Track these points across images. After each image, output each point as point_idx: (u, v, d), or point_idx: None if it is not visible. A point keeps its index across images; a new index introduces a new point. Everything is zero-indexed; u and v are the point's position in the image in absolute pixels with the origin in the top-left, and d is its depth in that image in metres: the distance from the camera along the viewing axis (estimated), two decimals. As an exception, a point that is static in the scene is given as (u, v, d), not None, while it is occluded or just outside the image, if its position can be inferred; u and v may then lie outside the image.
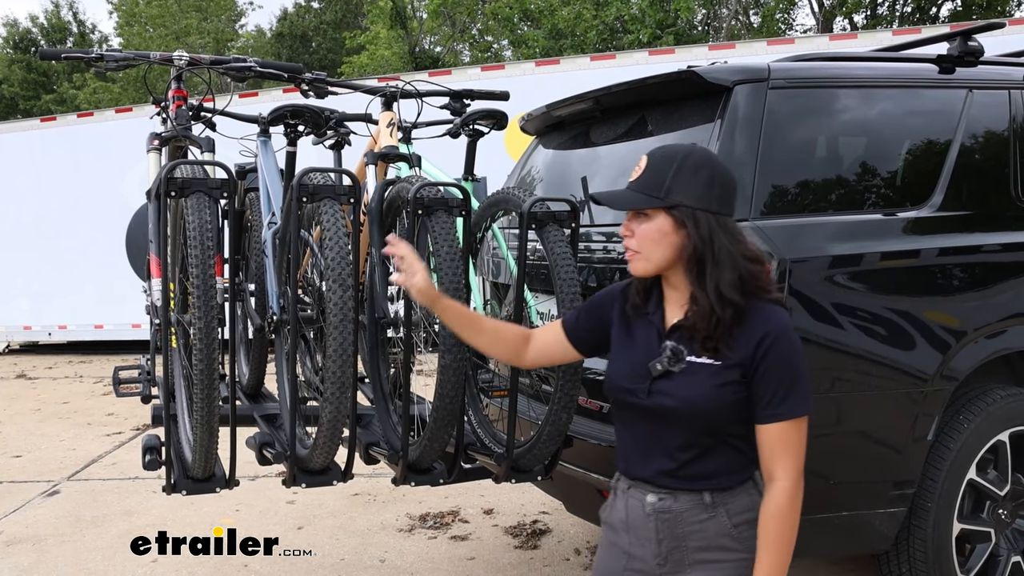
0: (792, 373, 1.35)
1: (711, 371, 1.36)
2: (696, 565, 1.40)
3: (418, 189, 1.95)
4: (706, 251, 1.35)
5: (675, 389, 1.38)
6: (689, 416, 1.37)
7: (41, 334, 9.50)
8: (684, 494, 1.40)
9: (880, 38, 7.12)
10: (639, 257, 1.40)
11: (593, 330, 1.55)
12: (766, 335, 1.34)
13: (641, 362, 1.42)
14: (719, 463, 1.39)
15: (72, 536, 3.58)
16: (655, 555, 1.42)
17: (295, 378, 2.10)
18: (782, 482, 1.35)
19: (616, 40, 14.49)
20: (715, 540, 1.39)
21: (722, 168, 1.41)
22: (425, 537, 3.42)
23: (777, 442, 1.35)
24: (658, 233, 1.37)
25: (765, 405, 1.34)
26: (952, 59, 2.44)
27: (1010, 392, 2.34)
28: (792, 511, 1.35)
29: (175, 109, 2.58)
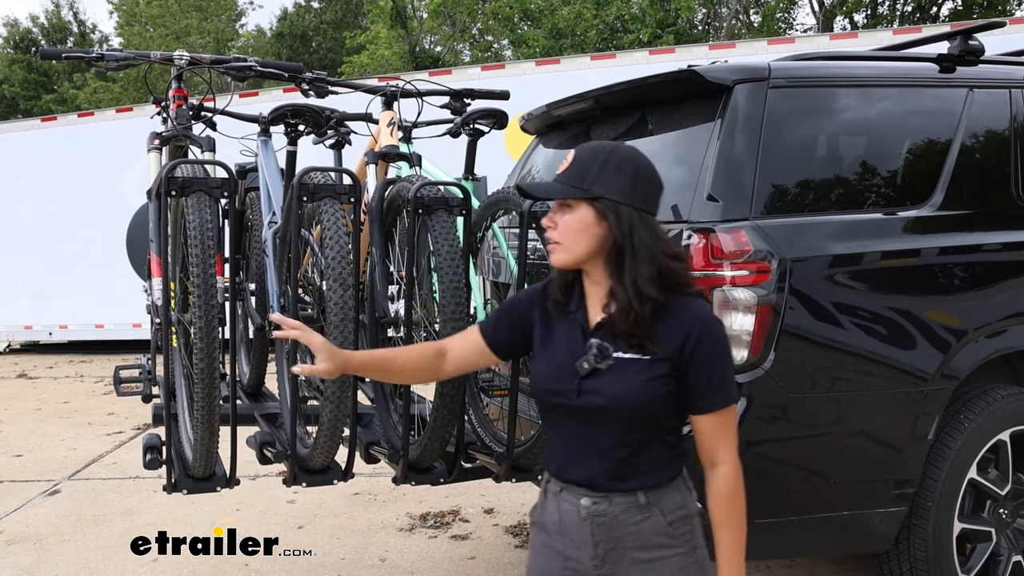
0: (723, 363, 1.38)
1: (639, 366, 1.36)
2: (635, 564, 1.40)
3: (418, 188, 1.95)
4: (626, 245, 1.36)
5: (604, 387, 1.37)
6: (620, 413, 1.37)
7: (42, 334, 9.50)
8: (618, 496, 1.40)
9: (881, 37, 7.12)
10: (560, 248, 1.40)
11: (512, 333, 1.53)
12: (694, 328, 1.35)
13: (567, 362, 1.41)
14: (650, 460, 1.40)
15: (73, 535, 3.58)
16: (592, 557, 1.42)
17: (295, 377, 2.10)
18: (727, 465, 1.39)
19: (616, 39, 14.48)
20: (651, 539, 1.39)
21: (647, 167, 1.42)
22: (426, 536, 3.42)
23: (717, 429, 1.38)
24: (580, 224, 1.38)
25: (702, 395, 1.37)
26: (953, 58, 2.44)
27: (1011, 391, 2.34)
28: (740, 490, 1.40)
29: (175, 109, 2.58)
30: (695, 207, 2.12)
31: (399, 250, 2.24)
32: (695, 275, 2.04)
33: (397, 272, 2.25)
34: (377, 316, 2.22)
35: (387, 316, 2.19)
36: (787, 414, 2.10)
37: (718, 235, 2.04)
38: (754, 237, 2.04)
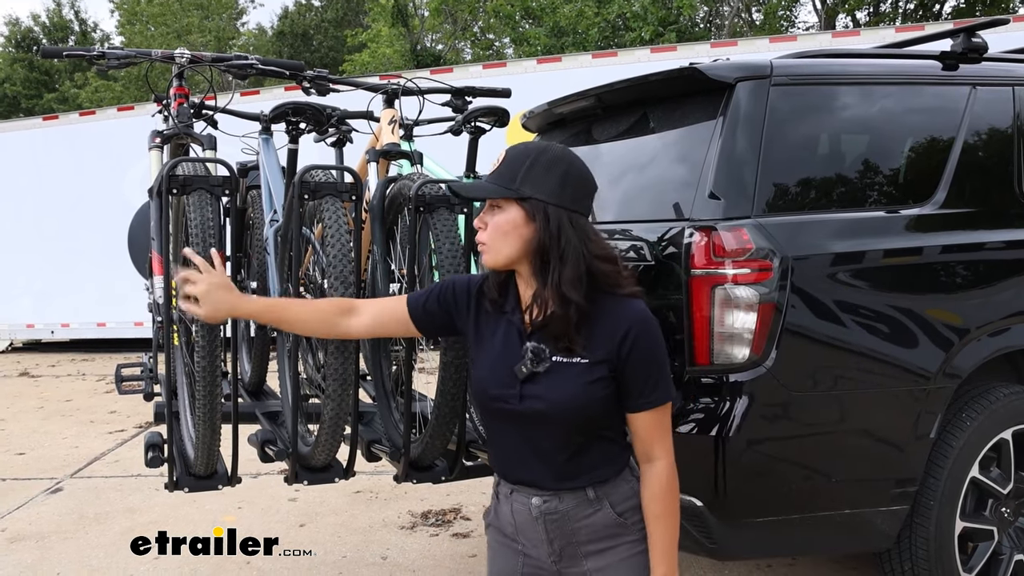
0: (658, 362, 1.38)
1: (578, 369, 1.36)
2: (590, 556, 1.42)
3: (420, 186, 1.95)
4: (553, 246, 1.34)
5: (544, 391, 1.37)
6: (562, 417, 1.36)
7: (44, 332, 9.53)
8: (567, 493, 1.41)
9: (883, 35, 7.10)
10: (488, 249, 1.39)
11: (439, 315, 1.52)
12: (629, 329, 1.35)
13: (506, 365, 1.40)
14: (596, 457, 1.41)
15: (75, 533, 3.59)
16: (549, 553, 1.44)
17: (297, 375, 2.10)
18: (662, 461, 1.40)
19: (618, 37, 14.47)
20: (603, 531, 1.42)
21: (578, 167, 1.40)
22: (427, 534, 3.42)
23: (652, 427, 1.39)
24: (509, 225, 1.37)
25: (638, 395, 1.37)
26: (955, 56, 2.43)
27: (1013, 390, 2.33)
28: (674, 486, 1.41)
29: (177, 107, 2.58)
30: (697, 205, 2.12)
31: (400, 248, 2.23)
32: (697, 273, 2.04)
33: (399, 270, 2.25)
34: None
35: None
36: (789, 412, 2.10)
37: (720, 233, 2.03)
38: (756, 235, 2.04)
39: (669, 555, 1.40)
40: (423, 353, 2.24)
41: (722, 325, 2.02)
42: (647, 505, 1.41)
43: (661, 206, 2.28)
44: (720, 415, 2.04)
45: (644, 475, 1.41)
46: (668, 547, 1.40)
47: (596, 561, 1.42)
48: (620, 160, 2.56)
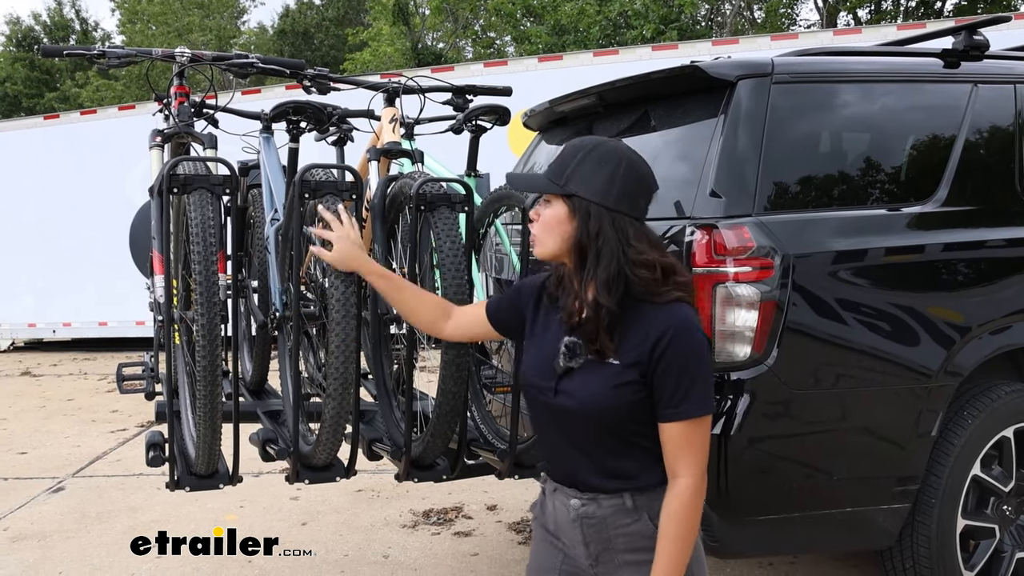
0: (691, 372, 1.30)
1: (609, 371, 1.33)
2: (626, 566, 1.39)
3: (421, 185, 1.94)
4: (590, 246, 1.32)
5: (575, 388, 1.35)
6: (588, 416, 1.34)
7: (45, 331, 9.53)
8: (605, 498, 1.38)
9: (885, 33, 7.09)
10: (535, 241, 1.40)
11: (512, 315, 1.53)
12: (663, 334, 1.30)
13: (548, 359, 1.39)
14: (632, 463, 1.36)
15: (77, 532, 3.59)
16: (585, 556, 1.42)
17: (298, 374, 2.10)
18: (685, 479, 1.32)
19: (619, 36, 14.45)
20: (641, 542, 1.37)
21: (633, 167, 1.35)
22: (429, 533, 3.42)
23: (679, 441, 1.31)
24: (554, 220, 1.36)
25: (665, 404, 1.31)
26: (957, 53, 2.43)
27: (1015, 388, 2.33)
28: (693, 509, 1.32)
29: (177, 106, 2.57)
30: (698, 203, 2.12)
31: (401, 247, 2.23)
32: (698, 271, 2.04)
33: (400, 269, 2.25)
34: (380, 313, 2.22)
35: (389, 313, 2.19)
36: (790, 410, 2.10)
37: (721, 231, 2.03)
38: (757, 233, 2.03)
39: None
40: (424, 352, 2.24)
41: (723, 323, 2.02)
42: (661, 522, 1.33)
43: (662, 204, 2.27)
44: (722, 413, 2.04)
45: (667, 491, 1.34)
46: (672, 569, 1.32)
47: (632, 572, 1.38)
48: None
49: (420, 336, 2.14)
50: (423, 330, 1.77)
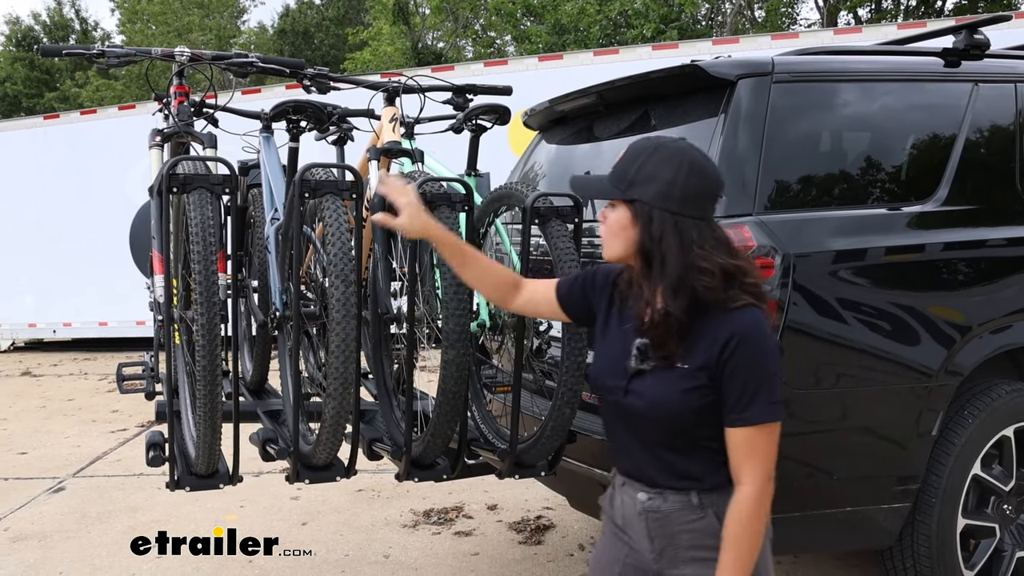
0: (757, 379, 1.29)
1: (677, 374, 1.32)
2: (691, 563, 1.39)
3: (421, 184, 1.94)
4: (654, 251, 1.31)
5: (645, 389, 1.35)
6: (657, 418, 1.35)
7: (46, 331, 9.54)
8: (672, 494, 1.38)
9: (885, 32, 7.08)
10: (602, 244, 1.40)
11: (582, 301, 1.54)
12: (730, 339, 1.28)
13: (620, 358, 1.40)
14: (699, 464, 1.36)
15: (77, 532, 3.59)
16: (650, 551, 1.43)
17: (298, 374, 2.10)
18: (747, 487, 1.30)
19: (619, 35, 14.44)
20: (705, 540, 1.37)
21: (696, 167, 1.32)
22: (429, 533, 3.42)
23: (743, 447, 1.30)
24: (618, 225, 1.36)
25: (731, 409, 1.30)
26: (958, 52, 2.43)
27: (1015, 387, 2.33)
28: (755, 517, 1.30)
29: (177, 105, 2.57)
30: (698, 203, 2.11)
31: (402, 246, 2.23)
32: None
33: (400, 268, 2.25)
34: (380, 313, 2.21)
35: (390, 312, 2.19)
36: (790, 410, 2.10)
37: (721, 231, 2.03)
38: (757, 233, 2.03)
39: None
40: (424, 351, 2.24)
41: (724, 323, 2.02)
42: (726, 526, 1.32)
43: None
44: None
45: (732, 497, 1.32)
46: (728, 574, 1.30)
47: (696, 569, 1.37)
48: (621, 158, 2.55)
49: (420, 336, 2.14)
50: (489, 298, 1.78)
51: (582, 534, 3.33)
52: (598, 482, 2.31)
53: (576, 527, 3.40)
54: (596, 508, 2.55)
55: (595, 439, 2.24)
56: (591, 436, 2.24)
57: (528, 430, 2.18)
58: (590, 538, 3.28)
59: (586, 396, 2.32)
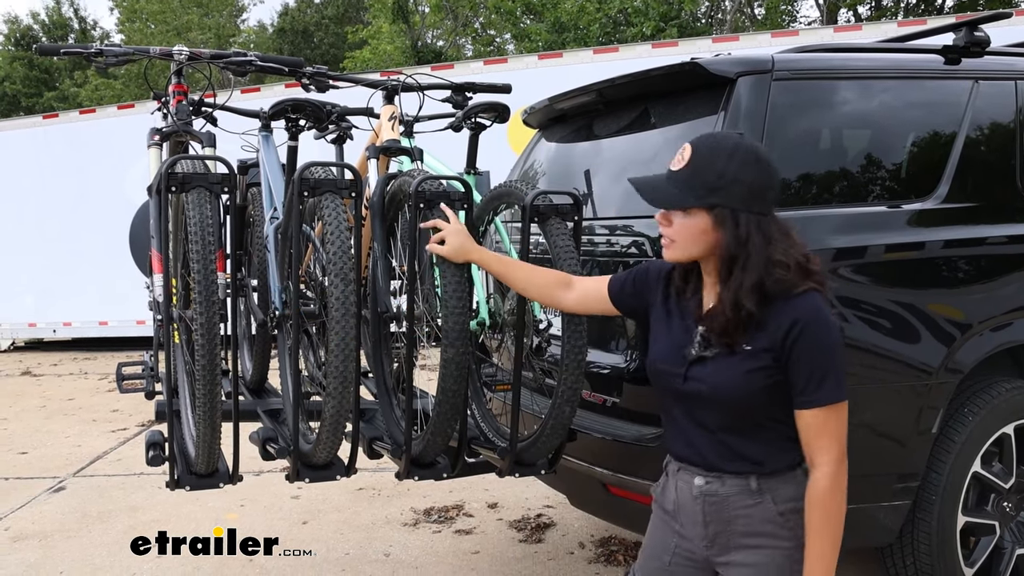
0: (825, 359, 1.34)
1: (742, 356, 1.37)
2: (742, 550, 1.41)
3: (420, 183, 1.94)
4: (739, 254, 1.35)
5: (707, 375, 1.40)
6: (720, 401, 1.39)
7: (46, 331, 9.54)
8: (730, 478, 1.41)
9: (885, 29, 7.07)
10: (675, 247, 1.41)
11: (635, 297, 1.59)
12: (796, 321, 1.34)
13: (678, 346, 1.45)
14: (760, 447, 1.40)
15: (78, 532, 3.59)
16: (702, 537, 1.45)
17: (298, 373, 2.10)
18: (823, 467, 1.36)
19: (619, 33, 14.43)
20: (761, 526, 1.40)
21: (765, 163, 1.37)
22: (430, 531, 3.42)
23: (815, 428, 1.36)
24: (697, 230, 1.38)
25: (800, 391, 1.35)
26: (958, 50, 2.42)
27: (1015, 385, 2.33)
28: (835, 496, 1.35)
29: (175, 104, 2.57)
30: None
31: (401, 245, 2.23)
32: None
33: (399, 267, 2.24)
34: (379, 311, 2.21)
35: (389, 311, 2.18)
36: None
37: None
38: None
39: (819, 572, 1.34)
40: (424, 350, 2.24)
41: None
42: (806, 512, 1.37)
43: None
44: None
45: (808, 479, 1.38)
46: (818, 562, 1.34)
47: (746, 555, 1.41)
48: (621, 155, 2.55)
49: (419, 334, 2.14)
50: (542, 304, 1.85)
51: (582, 532, 3.33)
52: (598, 480, 2.31)
53: (576, 525, 3.40)
54: (596, 506, 2.56)
55: (595, 437, 2.24)
56: (591, 434, 2.24)
57: (528, 428, 2.17)
58: (591, 536, 3.28)
59: (586, 394, 2.31)
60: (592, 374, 2.27)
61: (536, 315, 2.18)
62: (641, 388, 2.23)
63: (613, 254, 2.38)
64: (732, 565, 1.42)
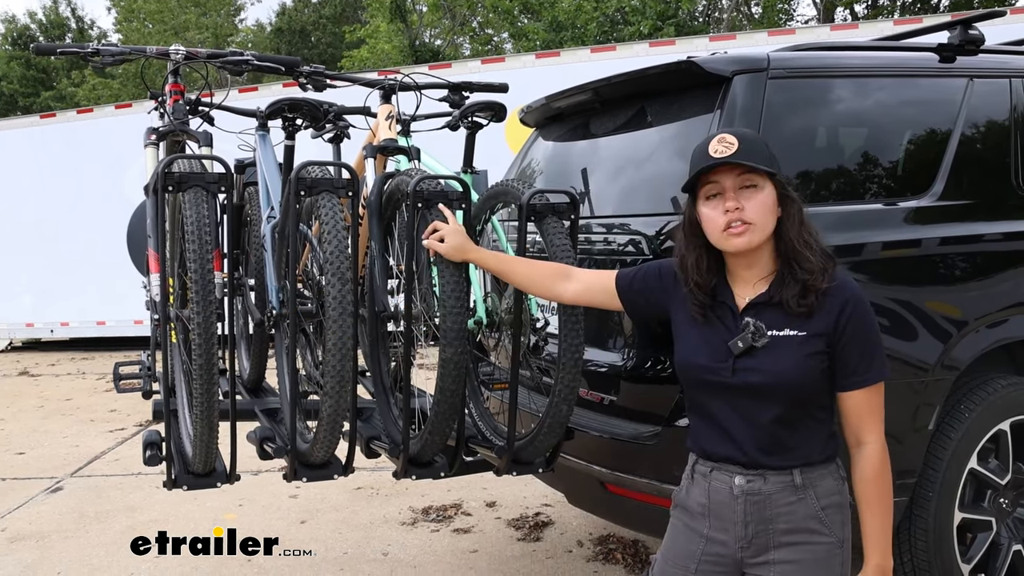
0: (873, 338, 1.40)
1: (797, 342, 1.39)
2: (782, 547, 1.41)
3: (417, 182, 1.94)
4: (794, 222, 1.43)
5: (761, 364, 1.40)
6: (779, 390, 1.39)
7: (43, 331, 9.52)
8: (773, 474, 1.41)
9: (881, 28, 7.08)
10: (753, 229, 1.41)
11: (646, 297, 1.60)
12: (847, 301, 1.38)
13: (719, 341, 1.45)
14: (805, 437, 1.42)
15: (75, 532, 3.59)
16: (739, 538, 1.43)
17: (295, 372, 2.10)
18: (872, 445, 1.41)
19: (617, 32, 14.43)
20: (803, 523, 1.41)
21: None
22: (428, 530, 3.42)
23: (864, 407, 1.40)
24: (771, 202, 1.42)
25: (852, 372, 1.39)
26: (953, 48, 2.43)
27: (1011, 381, 2.33)
28: (886, 470, 1.41)
29: (172, 104, 2.57)
30: (694, 199, 2.11)
31: (398, 244, 2.23)
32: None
33: (396, 266, 2.25)
34: (376, 310, 2.21)
35: (386, 310, 2.18)
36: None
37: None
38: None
39: (882, 543, 1.40)
40: (422, 349, 2.24)
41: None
42: (858, 489, 1.41)
43: (659, 200, 2.27)
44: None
45: (854, 460, 1.42)
46: (881, 534, 1.39)
47: (786, 553, 1.41)
48: (618, 154, 2.55)
49: (417, 333, 2.14)
50: (542, 296, 1.85)
51: (581, 531, 3.34)
52: (596, 479, 2.31)
53: (575, 524, 3.41)
54: (594, 505, 2.56)
55: (592, 436, 2.24)
56: (589, 432, 2.24)
57: (526, 427, 2.18)
58: (588, 534, 3.28)
59: (583, 392, 2.32)
60: (589, 372, 2.27)
61: (533, 314, 2.18)
62: (639, 386, 2.24)
63: (610, 252, 2.39)
64: (772, 564, 1.41)
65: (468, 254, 1.82)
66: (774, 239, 1.45)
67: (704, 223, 1.46)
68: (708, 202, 1.45)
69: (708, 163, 1.41)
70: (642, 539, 3.13)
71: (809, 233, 1.43)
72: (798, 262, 1.41)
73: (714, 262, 1.49)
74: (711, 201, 1.44)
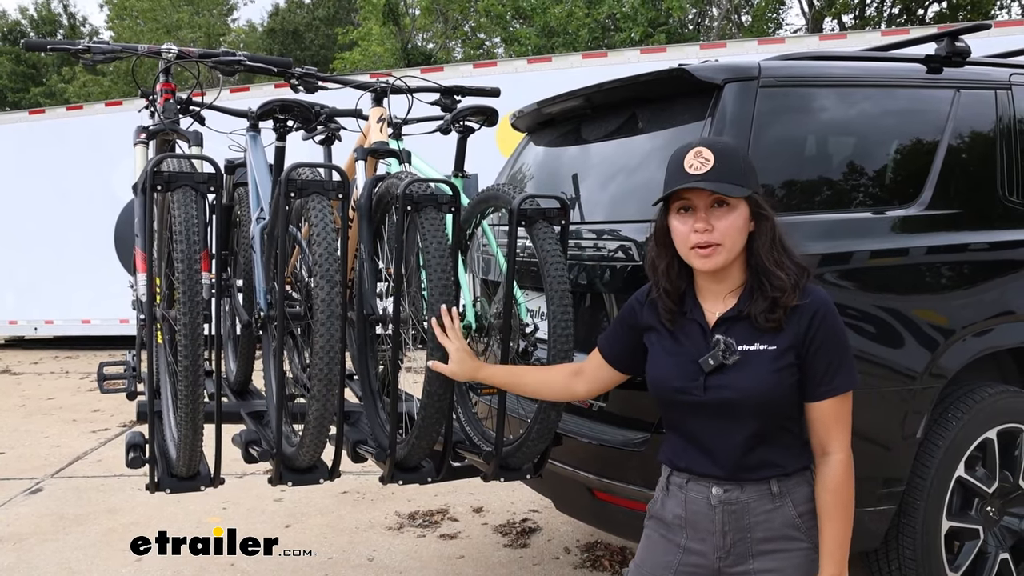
0: (841, 347, 1.39)
1: (768, 357, 1.38)
2: (760, 556, 1.41)
3: (407, 185, 1.93)
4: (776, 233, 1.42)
5: (733, 381, 1.39)
6: (751, 405, 1.39)
7: (27, 329, 9.41)
8: (750, 484, 1.41)
9: (869, 38, 7.15)
10: (722, 250, 1.40)
11: (627, 344, 1.58)
12: (816, 311, 1.38)
13: (688, 360, 1.44)
14: (780, 449, 1.42)
15: (54, 535, 3.54)
16: (717, 548, 1.43)
17: (282, 375, 2.08)
18: (837, 455, 1.40)
19: (608, 38, 14.51)
20: (780, 531, 1.41)
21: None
22: (414, 535, 3.40)
23: (831, 417, 1.39)
24: (742, 223, 1.41)
25: (819, 382, 1.38)
26: (940, 59, 2.45)
27: (998, 389, 2.35)
28: (849, 481, 1.40)
29: (163, 103, 2.55)
30: (685, 205, 2.11)
31: (388, 247, 2.22)
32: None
33: (385, 269, 2.23)
34: (365, 313, 2.20)
35: (375, 313, 2.17)
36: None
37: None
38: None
39: (838, 554, 1.38)
40: (410, 353, 2.23)
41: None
42: (820, 500, 1.40)
43: (649, 206, 2.27)
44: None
45: (819, 469, 1.41)
46: (838, 545, 1.38)
47: (765, 562, 1.41)
48: (609, 160, 2.55)
49: (405, 337, 2.13)
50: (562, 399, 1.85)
51: (568, 537, 3.33)
52: (584, 485, 2.31)
53: (562, 530, 3.40)
54: (582, 511, 2.56)
55: (581, 442, 2.23)
56: (577, 439, 2.24)
57: (514, 432, 2.17)
58: (576, 541, 3.28)
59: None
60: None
61: (523, 319, 2.17)
62: (628, 393, 2.23)
63: (600, 258, 2.38)
64: (751, 573, 1.42)
65: (478, 373, 1.78)
66: (745, 252, 1.44)
67: (674, 235, 1.45)
68: (679, 215, 1.44)
69: (680, 184, 1.40)
70: (630, 546, 3.12)
71: (781, 250, 1.41)
72: (768, 279, 1.40)
73: (684, 269, 1.49)
74: (682, 215, 1.43)
